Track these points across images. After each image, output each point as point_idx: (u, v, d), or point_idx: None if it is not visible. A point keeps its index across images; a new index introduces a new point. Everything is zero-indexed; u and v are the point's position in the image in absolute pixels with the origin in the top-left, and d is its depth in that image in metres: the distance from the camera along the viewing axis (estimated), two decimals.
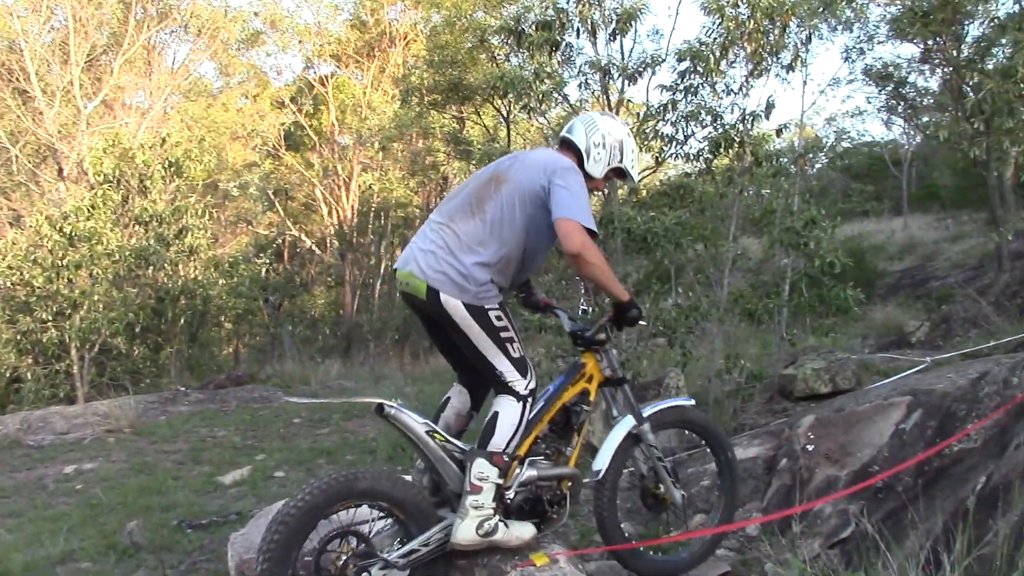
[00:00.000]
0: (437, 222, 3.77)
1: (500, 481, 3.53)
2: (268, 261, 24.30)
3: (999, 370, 5.15)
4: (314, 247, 28.90)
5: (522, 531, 3.60)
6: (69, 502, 7.86)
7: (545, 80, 8.20)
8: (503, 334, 3.61)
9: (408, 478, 3.68)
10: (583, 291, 4.93)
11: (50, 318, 14.81)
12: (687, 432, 5.57)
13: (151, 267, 16.91)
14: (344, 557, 3.36)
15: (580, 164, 3.87)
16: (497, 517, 3.50)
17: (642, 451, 4.14)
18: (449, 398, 4.05)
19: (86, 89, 22.34)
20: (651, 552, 4.27)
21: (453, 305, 3.53)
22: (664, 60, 8.58)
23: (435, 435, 3.58)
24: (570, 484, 3.82)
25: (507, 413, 3.61)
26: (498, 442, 3.57)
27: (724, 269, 7.90)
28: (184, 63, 27.09)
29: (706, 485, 5.61)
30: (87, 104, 21.98)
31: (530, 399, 3.69)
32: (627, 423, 3.99)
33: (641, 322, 4.01)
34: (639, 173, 4.26)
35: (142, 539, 6.36)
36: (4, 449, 10.08)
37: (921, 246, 24.20)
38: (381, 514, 3.53)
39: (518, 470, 3.69)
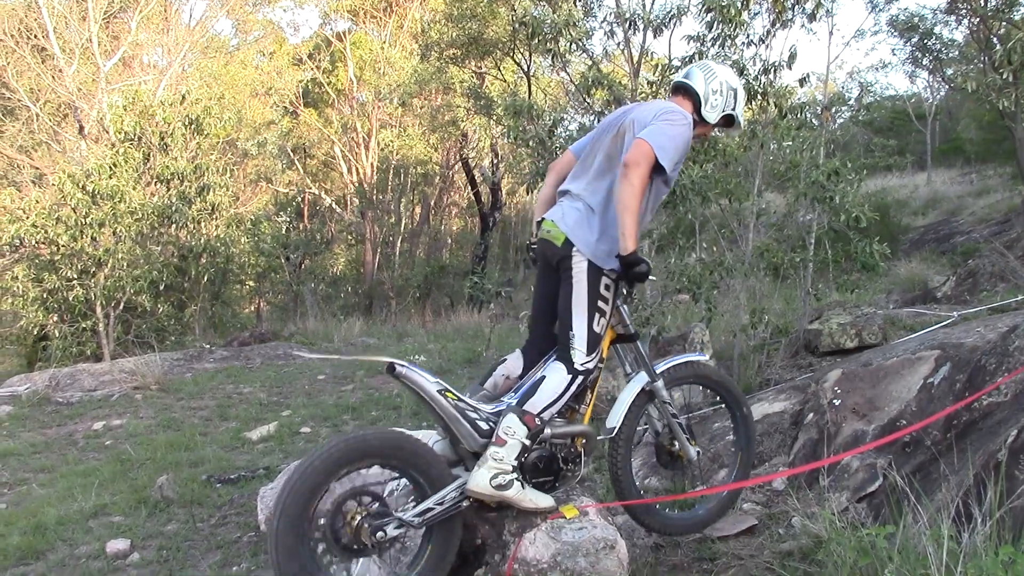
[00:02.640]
0: (584, 186, 3.90)
1: (527, 442, 3.54)
2: (289, 219, 24.37)
3: None
4: (334, 205, 28.89)
5: (538, 499, 3.59)
6: (99, 457, 7.95)
7: (572, 28, 8.11)
8: (600, 303, 3.71)
9: (419, 436, 3.69)
10: None
11: (75, 276, 14.89)
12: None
13: (174, 225, 16.95)
14: (359, 517, 3.37)
15: (696, 110, 3.99)
16: (515, 475, 3.51)
17: (656, 407, 4.15)
18: (505, 360, 4.06)
19: (104, 47, 22.31)
20: (667, 509, 4.28)
21: (579, 257, 3.69)
22: (687, 11, 8.47)
23: (447, 394, 3.58)
24: (584, 441, 3.83)
25: (553, 379, 3.66)
26: (536, 404, 3.59)
27: (748, 224, 7.84)
28: (201, 20, 27.02)
29: (732, 440, 5.62)
30: (106, 62, 21.94)
31: (581, 376, 3.72)
32: (640, 379, 4.01)
33: (651, 277, 3.94)
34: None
35: (172, 493, 6.44)
36: (34, 406, 10.20)
37: (945, 201, 23.95)
38: (395, 474, 3.55)
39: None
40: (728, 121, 4.12)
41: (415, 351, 12.75)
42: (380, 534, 3.34)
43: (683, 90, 4.03)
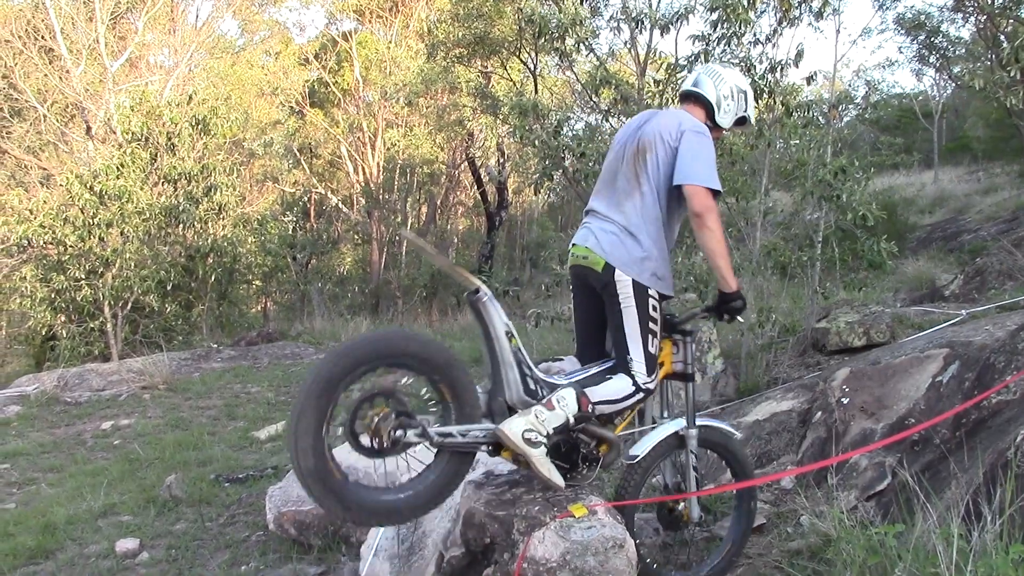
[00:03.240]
0: (610, 209, 3.89)
1: (571, 419, 3.53)
2: (295, 219, 24.39)
3: None
4: (340, 204, 28.90)
5: (554, 474, 3.57)
6: (108, 457, 7.99)
7: (578, 27, 8.12)
8: (651, 324, 3.71)
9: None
10: None
11: (83, 276, 14.94)
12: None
13: (181, 225, 17.00)
14: (382, 415, 3.32)
15: (709, 116, 3.98)
16: (546, 441, 3.49)
17: (677, 458, 4.07)
18: (562, 359, 4.06)
19: (111, 47, 22.34)
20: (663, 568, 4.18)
21: (624, 281, 3.68)
22: (694, 10, 8.46)
23: (512, 339, 3.58)
24: (607, 450, 3.81)
25: (619, 383, 3.69)
26: (596, 392, 3.62)
27: (755, 222, 7.83)
28: (207, 20, 27.05)
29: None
30: (113, 62, 21.98)
31: (643, 394, 3.74)
32: (678, 423, 3.94)
33: (740, 318, 3.99)
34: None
35: (181, 493, 6.47)
36: (43, 406, 10.23)
37: (953, 199, 23.88)
38: (428, 389, 3.54)
39: None
40: (740, 122, 4.13)
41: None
42: (400, 433, 3.29)
43: (693, 98, 4.02)
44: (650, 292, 3.69)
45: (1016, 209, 18.58)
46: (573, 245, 3.94)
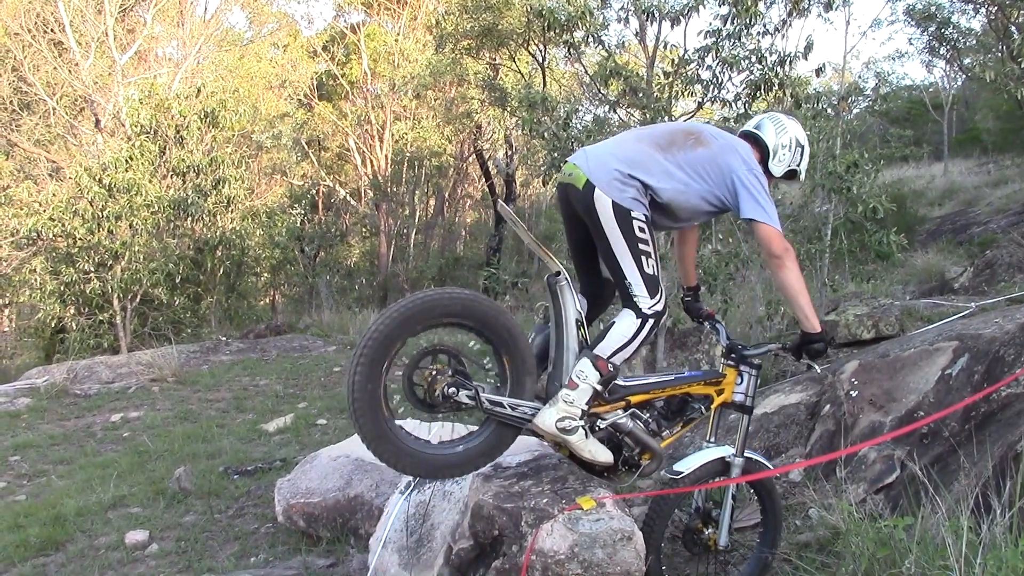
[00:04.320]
0: (619, 139, 3.86)
1: (599, 387, 3.53)
2: (303, 211, 24.39)
3: None
4: (348, 197, 28.91)
5: (597, 451, 3.60)
6: (117, 449, 8.01)
7: (587, 19, 8.10)
8: (641, 245, 3.59)
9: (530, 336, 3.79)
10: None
11: (92, 269, 14.97)
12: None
13: (190, 218, 17.02)
14: (440, 371, 3.43)
15: (763, 161, 3.91)
16: (582, 423, 3.52)
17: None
18: None
19: (120, 40, 22.38)
20: None
21: (603, 202, 3.55)
22: (704, 2, 8.44)
23: (581, 327, 3.62)
24: (649, 459, 3.80)
25: (623, 324, 3.61)
26: (605, 348, 3.57)
27: None
28: (215, 13, 27.07)
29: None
30: (121, 55, 22.01)
31: (652, 320, 3.64)
32: (726, 449, 3.90)
33: (814, 365, 3.92)
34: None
35: (190, 485, 6.48)
36: (52, 398, 10.27)
37: (962, 191, 23.78)
38: (491, 358, 3.62)
39: (620, 412, 3.71)
40: (790, 175, 4.06)
41: (429, 342, 12.74)
42: (453, 390, 3.40)
43: (752, 139, 3.97)
44: (633, 215, 3.55)
45: None
46: (564, 163, 3.85)
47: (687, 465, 3.79)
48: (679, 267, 4.45)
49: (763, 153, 3.92)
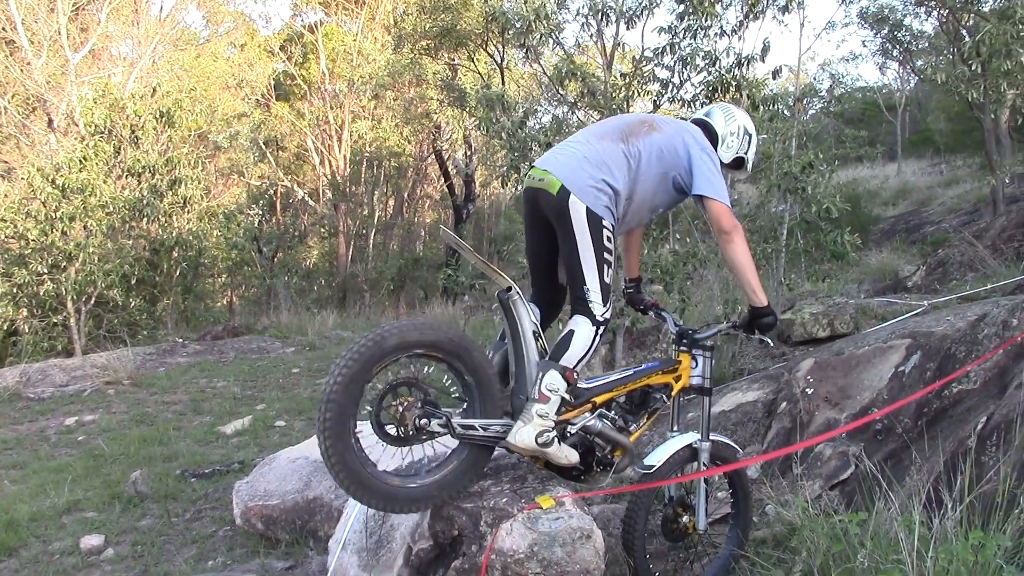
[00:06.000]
0: (583, 139, 3.88)
1: (567, 396, 3.58)
2: (261, 212, 24.19)
3: (998, 312, 5.18)
4: (307, 198, 28.71)
5: (571, 454, 3.64)
6: (72, 453, 7.91)
7: (544, 21, 8.11)
8: (606, 254, 3.66)
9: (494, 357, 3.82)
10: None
11: (45, 271, 14.75)
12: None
13: (145, 219, 16.85)
14: (409, 404, 3.43)
15: (712, 147, 3.98)
16: (555, 432, 3.54)
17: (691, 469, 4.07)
18: None
19: (73, 39, 22.03)
20: None
21: (577, 207, 3.60)
22: (660, 2, 8.49)
23: (539, 338, 3.65)
24: (621, 456, 3.85)
25: (582, 332, 3.66)
26: (571, 357, 3.61)
27: None
28: (171, 11, 26.76)
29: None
30: (75, 54, 21.69)
31: (603, 327, 3.73)
32: (691, 436, 3.97)
33: (767, 339, 4.07)
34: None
35: (146, 489, 6.42)
36: (5, 402, 10.11)
37: (915, 191, 24.17)
38: (452, 380, 3.62)
39: (587, 415, 3.75)
40: (738, 163, 4.16)
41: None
42: (424, 422, 3.39)
43: (702, 125, 4.06)
44: (604, 223, 3.62)
45: (977, 201, 18.82)
46: (532, 167, 3.88)
47: (657, 458, 3.86)
48: (624, 258, 4.51)
49: (712, 140, 3.99)
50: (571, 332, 3.68)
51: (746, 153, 4.13)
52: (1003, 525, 3.11)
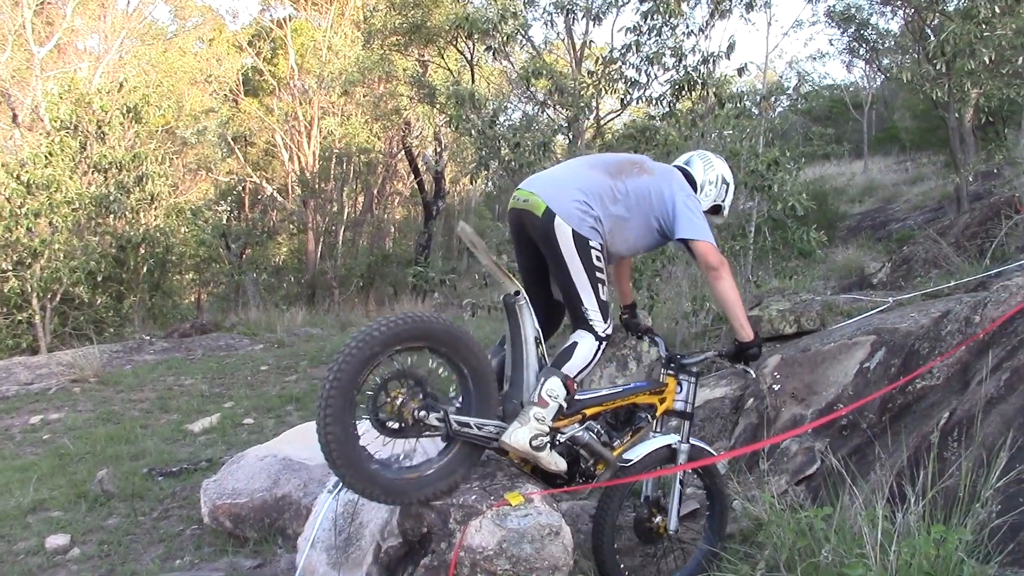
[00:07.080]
0: (571, 166, 4.03)
1: (564, 404, 3.63)
2: (229, 208, 24.03)
3: (961, 309, 5.24)
4: (276, 194, 28.54)
5: (559, 461, 3.69)
6: (37, 452, 7.83)
7: (509, 21, 8.13)
8: (598, 273, 3.72)
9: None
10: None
11: (10, 268, 14.58)
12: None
13: (112, 215, 16.70)
14: (407, 398, 3.43)
15: None
16: (548, 437, 3.59)
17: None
18: None
19: (38, 33, 21.77)
20: None
21: (564, 230, 3.65)
22: (628, 1, 8.54)
23: (540, 345, 3.71)
24: (604, 468, 3.92)
25: (585, 346, 3.74)
26: (572, 367, 3.68)
27: None
28: (138, 6, 26.52)
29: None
30: (40, 48, 21.43)
31: (605, 343, 3.80)
32: (672, 437, 4.07)
33: (750, 370, 4.22)
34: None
35: (113, 487, 6.37)
36: None
37: (881, 188, 24.41)
38: (451, 375, 3.64)
39: (576, 426, 3.81)
40: (715, 210, 4.25)
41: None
42: (422, 414, 3.40)
43: (681, 173, 4.14)
44: (591, 244, 3.68)
45: (942, 199, 19.05)
46: (518, 189, 3.93)
47: (636, 453, 3.94)
48: (616, 287, 4.62)
49: (692, 187, 4.09)
50: (574, 344, 3.76)
51: (723, 201, 4.25)
52: (964, 519, 3.15)
